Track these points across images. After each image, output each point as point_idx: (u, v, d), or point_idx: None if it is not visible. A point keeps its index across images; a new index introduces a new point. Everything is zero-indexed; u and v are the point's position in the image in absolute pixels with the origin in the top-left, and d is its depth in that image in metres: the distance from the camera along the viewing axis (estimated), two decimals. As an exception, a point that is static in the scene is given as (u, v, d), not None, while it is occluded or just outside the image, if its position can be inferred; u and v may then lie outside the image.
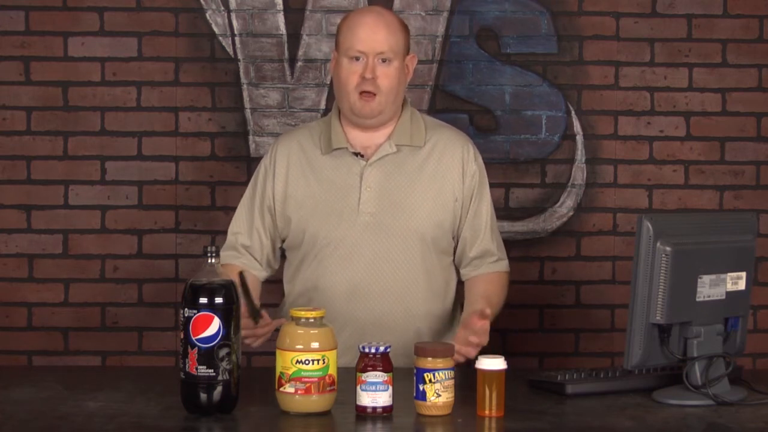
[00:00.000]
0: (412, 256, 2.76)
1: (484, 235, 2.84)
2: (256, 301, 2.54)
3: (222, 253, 2.86)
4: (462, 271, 2.88)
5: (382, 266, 2.75)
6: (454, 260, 2.88)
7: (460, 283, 2.89)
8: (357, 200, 2.76)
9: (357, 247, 2.75)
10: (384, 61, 2.73)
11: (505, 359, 2.22)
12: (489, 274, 2.85)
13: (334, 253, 2.75)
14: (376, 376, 2.17)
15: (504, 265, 2.89)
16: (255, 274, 2.83)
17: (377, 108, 2.75)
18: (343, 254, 2.75)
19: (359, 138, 2.81)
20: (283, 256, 2.92)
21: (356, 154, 2.79)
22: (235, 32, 3.75)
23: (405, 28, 2.81)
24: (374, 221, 2.75)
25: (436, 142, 2.83)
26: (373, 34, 2.72)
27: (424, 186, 2.78)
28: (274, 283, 2.97)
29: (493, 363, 2.21)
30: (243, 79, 3.76)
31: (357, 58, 2.73)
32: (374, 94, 2.73)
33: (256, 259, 2.85)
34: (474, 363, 2.25)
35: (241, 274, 2.45)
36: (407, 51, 2.81)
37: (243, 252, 2.85)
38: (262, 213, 2.84)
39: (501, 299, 2.84)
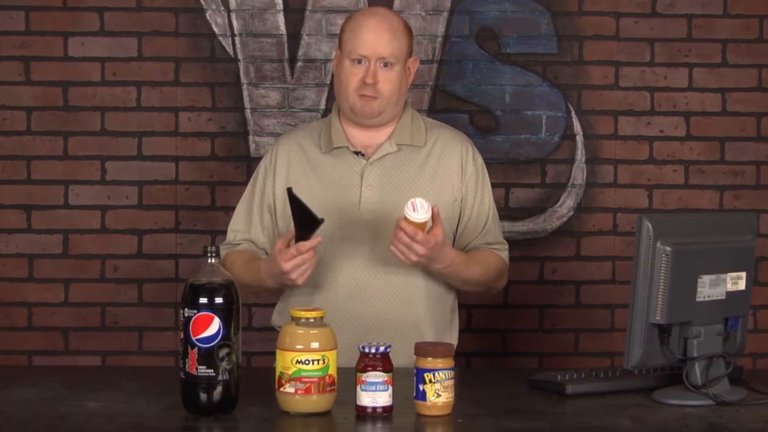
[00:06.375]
0: None
1: (484, 232, 2.84)
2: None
3: (222, 250, 2.87)
4: None
5: (383, 264, 2.74)
6: None
7: None
8: (358, 198, 2.77)
9: (358, 245, 2.75)
10: (386, 65, 2.73)
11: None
12: (484, 250, 2.83)
13: (335, 251, 2.75)
14: (376, 376, 2.17)
15: (503, 255, 2.87)
16: (259, 253, 2.85)
17: (377, 109, 2.75)
18: (344, 252, 2.75)
19: (359, 137, 2.81)
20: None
21: (357, 152, 2.79)
22: (235, 32, 3.75)
23: (409, 32, 2.80)
24: (375, 219, 2.75)
25: (436, 142, 2.83)
26: (376, 38, 2.72)
27: (425, 185, 2.78)
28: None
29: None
30: (243, 79, 3.76)
31: (359, 61, 2.73)
32: (375, 98, 2.73)
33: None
34: None
35: (289, 189, 2.52)
36: (410, 54, 2.80)
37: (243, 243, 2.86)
38: (261, 212, 2.85)
39: (484, 267, 2.80)
